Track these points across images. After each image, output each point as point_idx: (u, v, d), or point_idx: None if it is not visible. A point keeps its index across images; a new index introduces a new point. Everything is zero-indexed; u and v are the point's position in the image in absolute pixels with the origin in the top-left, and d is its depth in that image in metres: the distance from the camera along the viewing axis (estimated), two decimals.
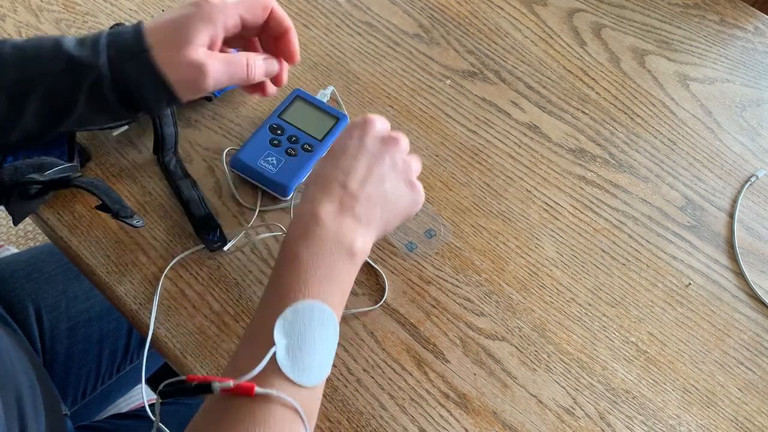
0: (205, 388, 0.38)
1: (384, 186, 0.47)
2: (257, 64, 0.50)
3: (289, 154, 0.61)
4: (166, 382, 0.40)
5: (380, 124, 0.50)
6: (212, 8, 0.47)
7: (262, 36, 0.54)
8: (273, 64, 0.53)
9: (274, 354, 0.39)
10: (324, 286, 0.43)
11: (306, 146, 0.62)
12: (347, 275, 0.45)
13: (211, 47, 0.48)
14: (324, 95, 0.67)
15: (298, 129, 0.63)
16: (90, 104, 0.47)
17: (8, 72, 0.46)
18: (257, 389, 0.38)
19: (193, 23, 0.46)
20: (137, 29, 0.47)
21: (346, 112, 0.67)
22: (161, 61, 0.46)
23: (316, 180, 0.47)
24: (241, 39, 0.54)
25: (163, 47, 0.46)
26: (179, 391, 0.39)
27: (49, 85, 0.46)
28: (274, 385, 0.39)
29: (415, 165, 0.51)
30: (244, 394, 0.38)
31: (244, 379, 0.38)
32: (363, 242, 0.46)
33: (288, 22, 0.52)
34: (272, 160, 0.61)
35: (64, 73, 0.46)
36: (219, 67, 0.47)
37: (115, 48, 0.46)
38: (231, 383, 0.38)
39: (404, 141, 0.50)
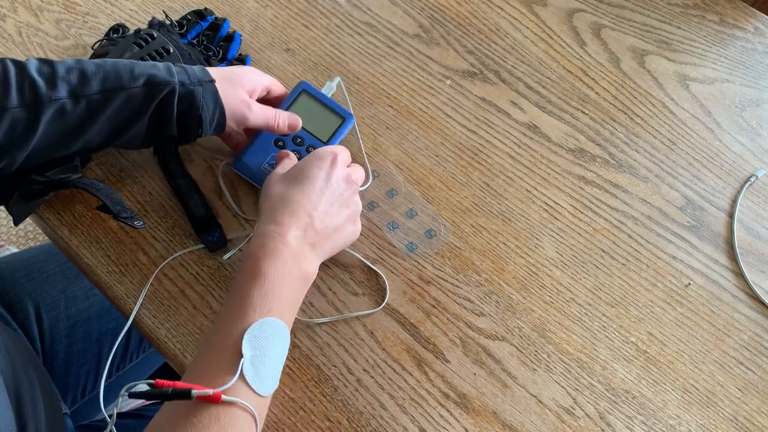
0: (184, 394, 0.41)
1: (337, 222, 0.54)
2: (282, 117, 0.60)
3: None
4: (131, 384, 0.44)
5: (345, 157, 0.57)
6: (256, 71, 0.61)
7: None
8: (296, 120, 0.61)
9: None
10: (284, 304, 0.48)
11: (310, 149, 0.62)
12: (301, 295, 0.51)
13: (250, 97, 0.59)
14: (330, 88, 0.66)
15: (303, 129, 0.63)
16: (153, 119, 0.54)
17: (92, 85, 0.51)
18: (224, 397, 0.42)
19: (246, 72, 0.60)
20: (203, 67, 0.57)
21: (350, 108, 0.67)
22: (221, 93, 0.56)
23: (283, 203, 0.52)
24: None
25: (223, 83, 0.56)
26: (154, 395, 0.42)
27: (128, 96, 0.52)
28: (238, 393, 0.43)
29: (358, 198, 0.57)
30: (212, 401, 0.42)
31: (221, 389, 0.42)
32: (314, 268, 0.52)
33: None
34: (273, 161, 0.61)
35: (143, 87, 0.52)
36: (258, 109, 0.58)
37: (186, 74, 0.55)
38: (210, 392, 0.41)
39: (360, 178, 0.58)
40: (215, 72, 0.57)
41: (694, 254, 0.63)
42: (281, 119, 0.60)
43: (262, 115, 0.59)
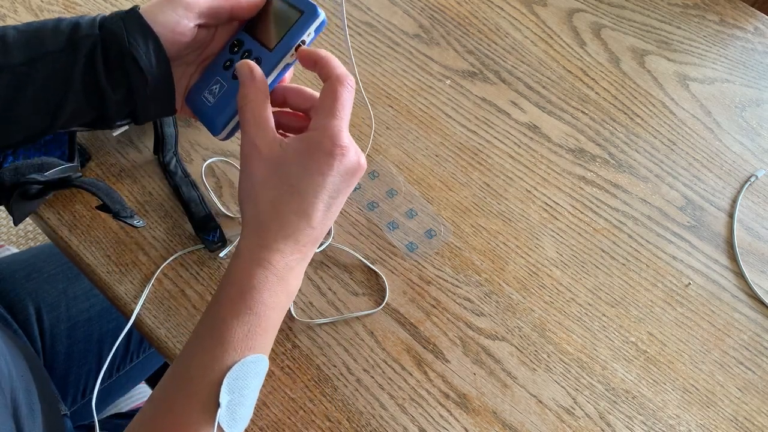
0: None
1: (337, 213, 0.46)
2: None
3: (234, 77, 0.48)
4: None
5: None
6: None
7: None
8: None
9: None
10: (269, 336, 0.43)
11: (251, 59, 0.48)
12: (284, 314, 0.45)
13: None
14: None
15: (255, 39, 0.48)
16: (84, 84, 0.45)
17: (13, 56, 0.44)
18: None
19: None
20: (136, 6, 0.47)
21: (350, 51, 0.53)
22: (147, 18, 0.45)
23: (276, 220, 0.42)
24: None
25: (151, 6, 0.46)
26: None
27: (51, 63, 0.44)
28: None
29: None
30: None
31: None
32: (300, 279, 0.45)
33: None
34: (215, 89, 0.49)
35: (63, 52, 0.44)
36: None
37: (109, 17, 0.46)
38: None
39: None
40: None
41: (694, 254, 0.63)
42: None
43: None
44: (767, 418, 0.55)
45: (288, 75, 0.49)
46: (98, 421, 0.76)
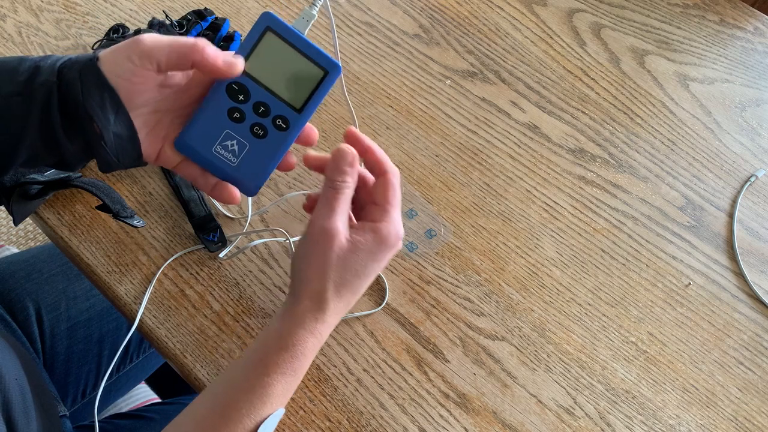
0: None
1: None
2: (210, 46, 0.42)
3: (256, 135, 0.45)
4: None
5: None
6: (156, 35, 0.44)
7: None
8: (238, 58, 0.43)
9: None
10: (294, 387, 0.46)
11: (279, 121, 0.45)
12: None
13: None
14: (308, 17, 0.45)
15: (268, 90, 0.44)
16: (41, 131, 0.43)
17: None
18: None
19: (136, 37, 0.43)
20: (98, 51, 0.44)
21: (338, 53, 0.51)
22: (105, 70, 0.42)
23: (341, 299, 0.47)
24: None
25: (109, 53, 0.42)
26: None
27: (4, 106, 0.42)
28: None
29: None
30: None
31: None
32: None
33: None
34: (233, 145, 0.45)
35: (19, 95, 0.42)
36: (156, 36, 0.42)
37: (70, 63, 0.42)
38: None
39: None
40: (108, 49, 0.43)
41: (694, 254, 0.63)
42: (206, 47, 0.42)
43: (166, 42, 0.41)
44: (767, 418, 0.55)
45: None
46: (98, 421, 0.76)
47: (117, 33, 0.67)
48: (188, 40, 0.42)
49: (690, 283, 0.62)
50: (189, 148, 0.45)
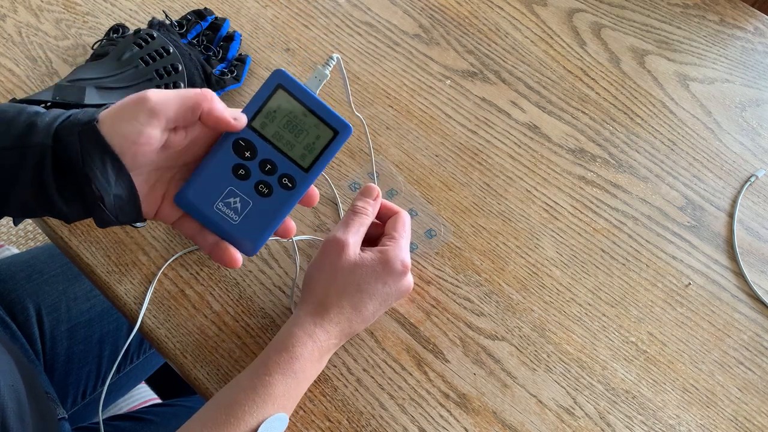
0: None
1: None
2: (217, 98, 0.42)
3: (261, 193, 0.44)
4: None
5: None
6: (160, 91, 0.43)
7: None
8: (238, 114, 0.43)
9: None
10: (296, 400, 0.49)
11: (285, 179, 0.44)
12: (305, 391, 0.51)
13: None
14: (321, 76, 0.46)
15: (276, 147, 0.44)
16: (34, 188, 0.41)
17: None
18: None
19: (141, 94, 0.42)
20: (97, 109, 0.42)
21: (352, 107, 0.54)
22: (106, 131, 0.40)
23: (340, 308, 0.50)
24: None
25: (109, 114, 0.41)
26: None
27: None
28: None
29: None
30: None
31: None
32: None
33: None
34: (235, 203, 0.44)
35: (13, 149, 0.41)
36: (161, 91, 0.41)
37: (67, 125, 0.41)
38: None
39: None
40: (109, 109, 0.42)
41: (694, 254, 0.63)
42: (214, 98, 0.42)
43: (173, 97, 0.41)
44: (767, 418, 0.55)
45: None
46: (97, 423, 0.76)
47: (117, 33, 0.67)
48: (195, 90, 0.41)
49: (690, 283, 0.62)
50: (190, 204, 0.44)
